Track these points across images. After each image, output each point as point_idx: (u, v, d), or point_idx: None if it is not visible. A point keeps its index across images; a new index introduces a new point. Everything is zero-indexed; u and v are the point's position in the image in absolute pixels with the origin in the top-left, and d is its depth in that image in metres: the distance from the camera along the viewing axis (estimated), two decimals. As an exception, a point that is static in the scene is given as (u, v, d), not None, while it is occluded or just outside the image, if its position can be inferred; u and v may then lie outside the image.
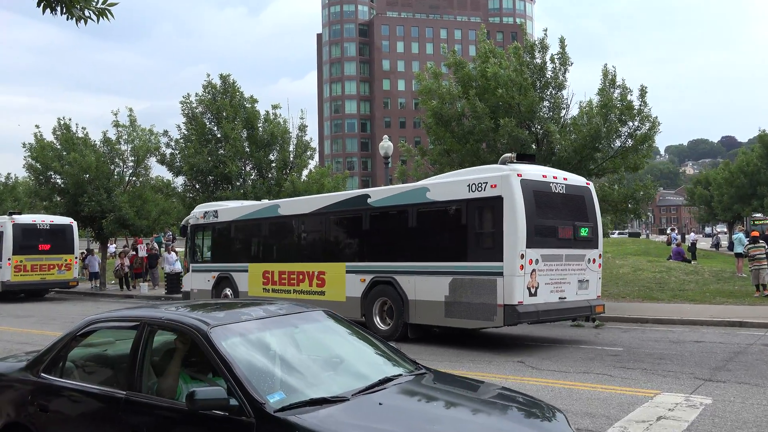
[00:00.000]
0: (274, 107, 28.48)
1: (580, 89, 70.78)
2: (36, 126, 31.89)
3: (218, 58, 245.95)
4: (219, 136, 27.90)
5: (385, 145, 25.15)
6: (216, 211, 19.84)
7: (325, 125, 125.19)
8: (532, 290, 12.51)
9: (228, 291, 19.18)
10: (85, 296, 29.92)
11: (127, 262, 31.30)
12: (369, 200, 15.11)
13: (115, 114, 31.46)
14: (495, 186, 12.65)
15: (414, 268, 13.94)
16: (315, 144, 29.96)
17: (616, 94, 19.10)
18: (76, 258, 28.61)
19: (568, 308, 13.20)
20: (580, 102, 19.63)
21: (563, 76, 19.65)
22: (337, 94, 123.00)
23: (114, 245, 42.17)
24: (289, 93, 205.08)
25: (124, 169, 32.24)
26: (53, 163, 30.17)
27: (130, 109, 31.71)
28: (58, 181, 31.85)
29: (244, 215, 18.79)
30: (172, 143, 28.60)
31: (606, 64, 19.32)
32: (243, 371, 4.38)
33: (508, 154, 13.35)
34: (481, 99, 19.26)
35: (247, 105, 28.29)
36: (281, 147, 27.98)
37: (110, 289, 31.46)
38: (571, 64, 19.67)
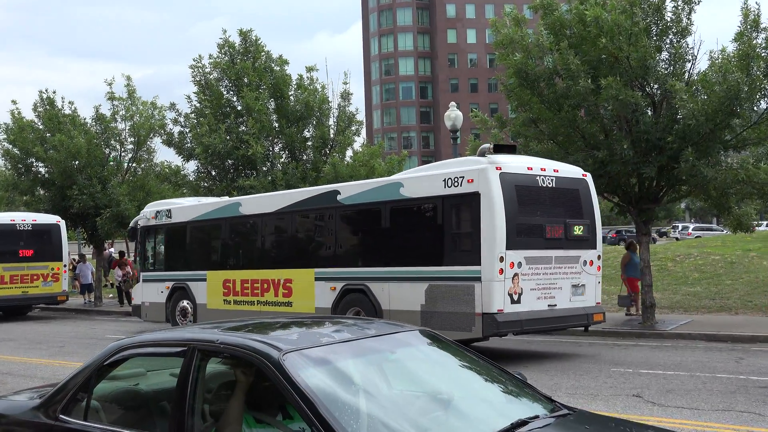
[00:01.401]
0: (309, 70, 28.70)
1: (710, 35, 69.20)
2: (12, 101, 32.88)
3: (237, 10, 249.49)
4: (239, 108, 28.27)
5: (453, 114, 25.06)
6: (169, 211, 21.70)
7: (373, 91, 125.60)
8: (515, 297, 14.03)
9: (185, 303, 20.92)
10: (77, 314, 30.78)
11: (129, 271, 32.03)
12: (339, 197, 16.86)
13: (110, 84, 32.24)
14: (472, 181, 14.16)
15: (388, 274, 15.66)
16: (362, 116, 30.07)
17: (760, 40, 18.55)
18: (65, 266, 29.43)
19: (560, 317, 14.78)
20: (711, 52, 19.11)
21: (688, 18, 19.20)
22: (389, 51, 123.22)
23: (112, 248, 43.21)
24: (328, 51, 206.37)
25: (122, 154, 33.00)
26: (35, 148, 31.08)
27: (128, 78, 32.47)
28: (41, 169, 32.78)
29: (201, 215, 20.71)
30: (181, 119, 29.13)
31: (746, 0, 18.76)
32: (332, 412, 4.26)
33: (486, 145, 15.02)
34: (578, 52, 18.99)
35: (274, 68, 28.56)
36: (319, 121, 28.18)
37: (107, 305, 32.31)
38: (699, 1, 19.20)
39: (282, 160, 28.36)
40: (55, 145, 30.51)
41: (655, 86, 19.33)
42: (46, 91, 32.84)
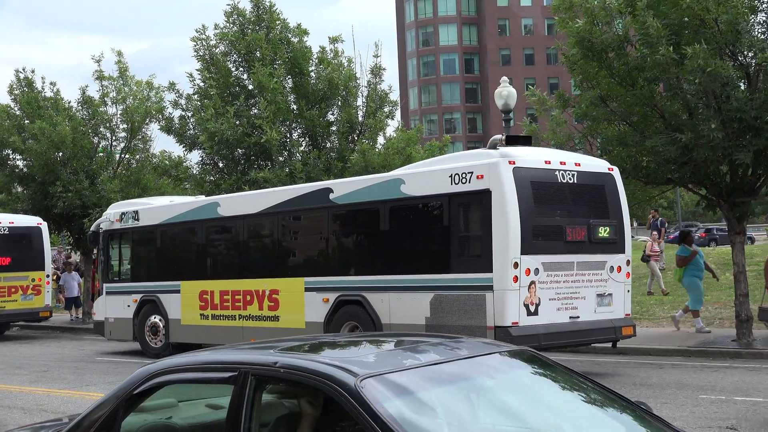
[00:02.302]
0: (333, 41, 28.77)
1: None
2: (-15, 83, 33.33)
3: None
4: (251, 88, 28.41)
5: (504, 92, 24.98)
6: (136, 212, 22.49)
7: (409, 66, 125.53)
8: (531, 308, 14.64)
9: (155, 319, 21.63)
10: (62, 332, 31.10)
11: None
12: (331, 196, 17.61)
13: (98, 61, 32.52)
14: (482, 176, 14.79)
15: (388, 283, 16.39)
16: (396, 95, 30.07)
17: None
18: (48, 276, 29.70)
19: (583, 330, 15.40)
20: (818, 12, 18.90)
21: (789, -28, 18.99)
22: (427, 16, 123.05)
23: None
24: (355, 18, 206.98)
25: (114, 143, 33.30)
26: (11, 137, 31.40)
27: (119, 54, 32.68)
28: (19, 162, 33.17)
29: (174, 217, 21.53)
30: (182, 101, 29.35)
31: None
32: None
33: (498, 136, 15.93)
34: (655, 15, 18.84)
35: (292, 39, 28.67)
36: (345, 101, 28.23)
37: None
38: (802, -49, 18.97)
39: (302, 148, 28.45)
40: (34, 133, 30.78)
41: (749, 55, 19.12)
42: (24, 70, 33.26)
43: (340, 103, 28.31)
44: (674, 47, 18.58)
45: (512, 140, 16.10)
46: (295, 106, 28.16)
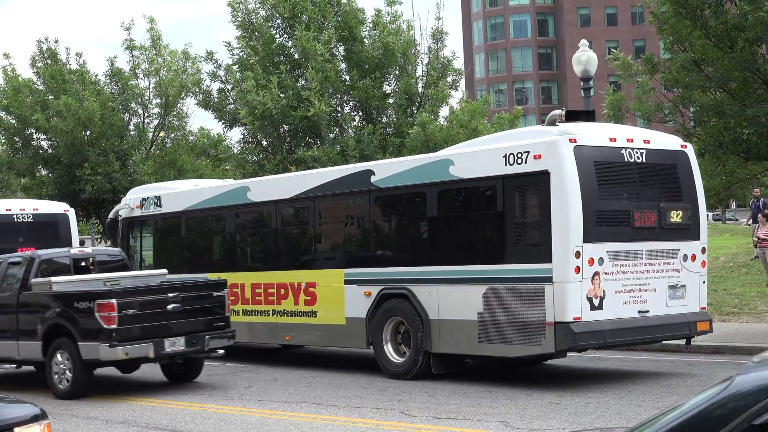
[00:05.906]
0: (390, 3, 28.70)
1: None
2: (5, 55, 33.78)
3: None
4: (296, 56, 28.42)
5: (583, 57, 24.66)
6: (158, 198, 22.74)
7: (474, 29, 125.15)
8: (596, 301, 14.68)
9: None
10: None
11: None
12: (373, 179, 17.76)
13: (128, 29, 32.92)
14: (539, 156, 14.83)
15: (436, 275, 16.56)
16: (460, 62, 29.88)
17: None
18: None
19: (653, 326, 15.46)
20: None
21: None
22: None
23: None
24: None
25: (146, 120, 33.55)
26: (34, 115, 31.79)
27: (151, 20, 33.02)
28: (43, 143, 33.56)
29: (200, 203, 21.88)
30: (221, 73, 29.47)
31: None
32: None
33: (557, 111, 15.68)
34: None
35: (342, 0, 28.61)
36: (403, 70, 28.15)
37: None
38: None
39: (354, 123, 28.44)
40: (59, 110, 31.19)
41: None
42: (47, 40, 33.74)
43: (397, 72, 28.26)
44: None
45: (573, 116, 16.09)
46: (346, 76, 28.11)
